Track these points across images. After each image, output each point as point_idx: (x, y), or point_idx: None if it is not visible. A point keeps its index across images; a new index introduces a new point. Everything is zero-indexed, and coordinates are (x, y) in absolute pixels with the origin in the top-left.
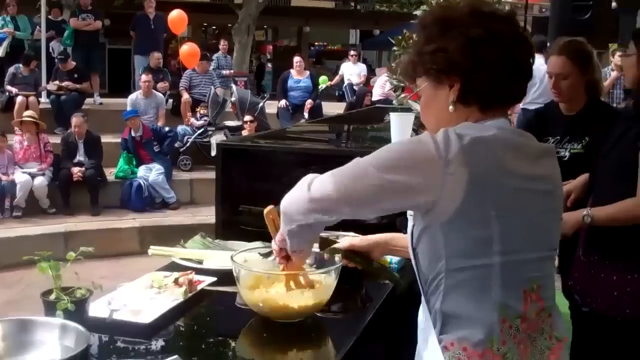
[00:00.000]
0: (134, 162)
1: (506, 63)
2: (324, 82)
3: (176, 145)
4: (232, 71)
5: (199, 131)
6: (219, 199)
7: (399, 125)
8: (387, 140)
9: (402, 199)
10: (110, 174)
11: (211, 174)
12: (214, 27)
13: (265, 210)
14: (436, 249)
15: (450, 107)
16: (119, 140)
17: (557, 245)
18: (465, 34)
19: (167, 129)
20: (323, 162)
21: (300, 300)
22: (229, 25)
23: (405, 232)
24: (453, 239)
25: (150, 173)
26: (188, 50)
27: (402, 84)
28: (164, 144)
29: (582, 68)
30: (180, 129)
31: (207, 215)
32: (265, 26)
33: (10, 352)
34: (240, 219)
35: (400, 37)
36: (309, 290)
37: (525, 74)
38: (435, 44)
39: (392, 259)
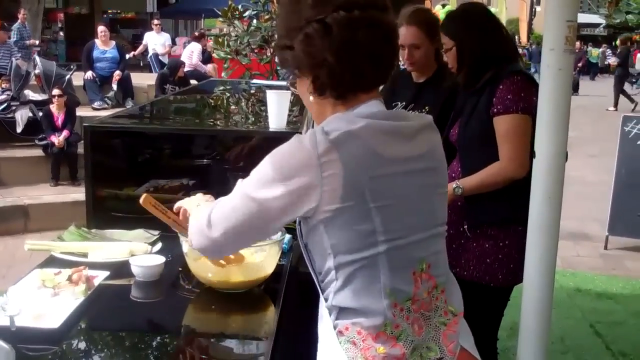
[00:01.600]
0: None
1: (347, 53)
2: None
3: None
4: (35, 41)
5: (2, 106)
6: (89, 186)
7: (277, 102)
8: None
9: (290, 215)
10: None
11: (19, 152)
12: None
13: (141, 201)
14: (323, 247)
15: (310, 98)
16: None
17: (444, 220)
18: (303, 31)
19: None
20: (191, 142)
21: (246, 273)
22: None
23: None
24: (337, 237)
25: None
26: None
27: (229, 56)
28: None
29: (431, 36)
30: None
31: (19, 195)
32: None
33: None
34: (111, 205)
35: (226, 9)
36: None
37: (378, 59)
38: (282, 41)
39: (285, 238)
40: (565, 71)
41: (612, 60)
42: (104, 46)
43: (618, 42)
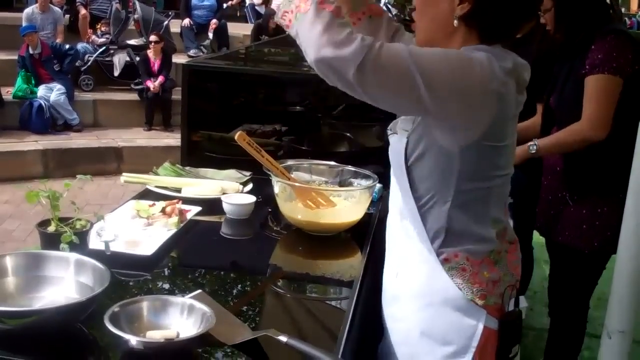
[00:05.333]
0: (33, 82)
1: (521, 4)
2: None
3: (77, 64)
4: None
5: (101, 49)
6: (184, 125)
7: None
8: None
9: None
10: (8, 93)
11: (115, 95)
12: None
13: (236, 137)
14: (446, 170)
15: (455, 22)
16: (14, 57)
17: None
18: None
19: (67, 46)
20: (285, 87)
21: (335, 216)
22: None
23: None
24: (467, 163)
25: (51, 93)
26: None
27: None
28: (65, 63)
29: None
30: (80, 46)
31: (113, 138)
32: None
33: (23, 288)
34: (205, 145)
35: None
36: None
37: (532, 16)
38: None
39: (376, 187)
40: None
41: None
42: None
43: None
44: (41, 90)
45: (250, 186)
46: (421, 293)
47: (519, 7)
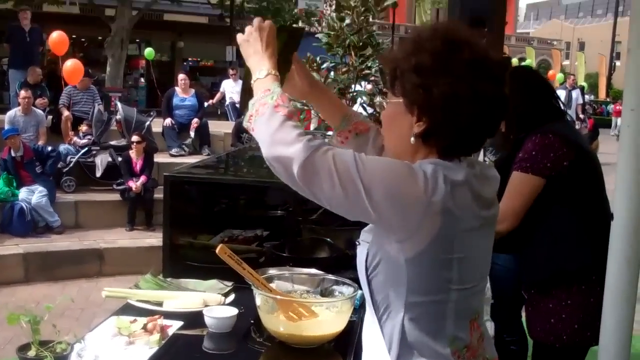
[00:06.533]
0: (14, 184)
1: (480, 123)
2: (149, 55)
3: (59, 165)
4: None
5: (83, 151)
6: (167, 235)
7: None
8: None
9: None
10: None
11: (97, 196)
12: (83, 40)
13: (217, 251)
14: (396, 281)
15: (412, 139)
16: None
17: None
18: (454, 87)
19: (49, 148)
20: (265, 193)
21: (317, 328)
22: (100, 38)
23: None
24: (416, 275)
25: (33, 195)
26: (71, 67)
27: (305, 107)
28: (47, 165)
29: None
30: (62, 148)
31: (95, 239)
32: (137, 40)
33: None
34: (187, 254)
35: (304, 60)
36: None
37: (493, 133)
38: (423, 78)
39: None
40: None
41: None
42: (183, 94)
43: None
44: (23, 193)
45: (232, 296)
46: None
47: (476, 125)
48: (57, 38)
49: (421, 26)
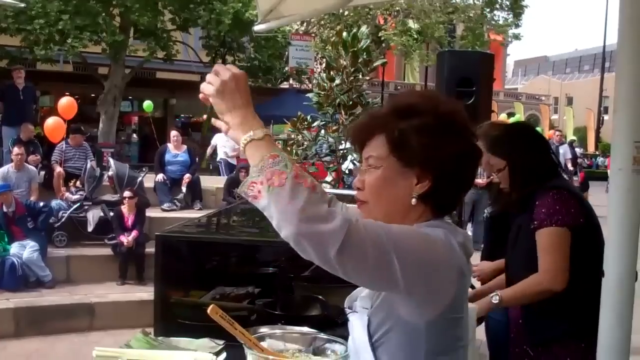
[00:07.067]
0: (6, 239)
1: (469, 180)
2: (148, 108)
3: (50, 220)
4: None
5: (75, 206)
6: (158, 293)
7: None
8: None
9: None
10: None
11: (89, 250)
12: (76, 97)
13: (209, 311)
14: (413, 346)
15: (413, 201)
16: None
17: None
18: (460, 145)
19: (41, 204)
20: (257, 251)
21: None
22: (92, 95)
23: None
24: (435, 337)
25: (24, 250)
26: (53, 124)
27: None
28: (39, 220)
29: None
30: (54, 203)
31: (86, 293)
32: (130, 97)
33: None
34: (178, 312)
35: (295, 119)
36: None
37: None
38: (430, 138)
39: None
40: (633, 191)
41: None
42: (175, 150)
43: None
44: (14, 248)
45: (224, 355)
46: None
47: (467, 182)
48: (65, 104)
49: (407, 91)
